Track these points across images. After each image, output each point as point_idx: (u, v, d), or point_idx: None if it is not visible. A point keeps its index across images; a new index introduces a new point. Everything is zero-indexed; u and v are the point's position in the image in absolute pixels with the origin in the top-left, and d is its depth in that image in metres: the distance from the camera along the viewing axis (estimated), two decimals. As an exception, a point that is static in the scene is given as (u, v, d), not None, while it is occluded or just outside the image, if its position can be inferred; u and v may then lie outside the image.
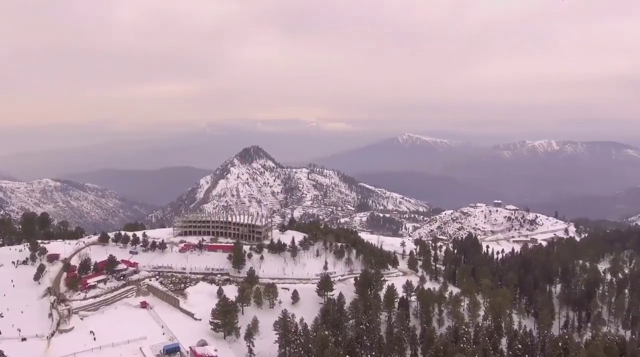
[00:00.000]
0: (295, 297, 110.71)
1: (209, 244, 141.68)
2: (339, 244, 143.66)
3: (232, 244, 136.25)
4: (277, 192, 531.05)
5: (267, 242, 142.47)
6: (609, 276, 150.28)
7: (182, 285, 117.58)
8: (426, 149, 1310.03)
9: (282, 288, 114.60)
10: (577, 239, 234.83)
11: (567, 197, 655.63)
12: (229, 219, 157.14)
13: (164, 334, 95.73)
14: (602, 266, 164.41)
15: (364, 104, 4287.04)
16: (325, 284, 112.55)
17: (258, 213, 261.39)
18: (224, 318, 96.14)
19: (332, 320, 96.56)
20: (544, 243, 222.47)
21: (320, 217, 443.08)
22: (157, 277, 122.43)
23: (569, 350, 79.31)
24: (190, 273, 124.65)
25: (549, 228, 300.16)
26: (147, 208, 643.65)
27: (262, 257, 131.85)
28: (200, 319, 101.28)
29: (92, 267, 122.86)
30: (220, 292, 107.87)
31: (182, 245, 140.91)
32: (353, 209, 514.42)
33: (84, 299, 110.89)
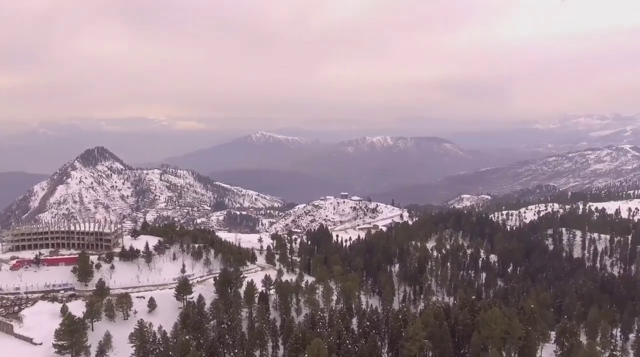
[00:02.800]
0: (152, 305, 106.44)
1: (48, 257, 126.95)
2: (197, 245, 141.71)
3: (77, 256, 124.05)
4: (127, 196, 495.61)
5: (117, 249, 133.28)
6: (435, 253, 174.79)
7: (17, 307, 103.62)
8: (278, 146, 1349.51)
9: (137, 297, 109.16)
10: (410, 222, 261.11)
11: (401, 186, 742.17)
12: (72, 228, 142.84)
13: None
14: (430, 244, 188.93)
15: (216, 102, 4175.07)
16: (183, 287, 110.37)
17: (106, 219, 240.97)
18: (71, 338, 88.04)
19: (192, 323, 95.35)
20: (384, 228, 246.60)
21: (176, 219, 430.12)
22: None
23: (407, 320, 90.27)
24: (26, 293, 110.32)
25: (387, 215, 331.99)
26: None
27: (112, 267, 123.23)
28: (41, 344, 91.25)
29: None
30: (64, 310, 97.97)
31: (14, 262, 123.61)
32: (209, 208, 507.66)
33: None
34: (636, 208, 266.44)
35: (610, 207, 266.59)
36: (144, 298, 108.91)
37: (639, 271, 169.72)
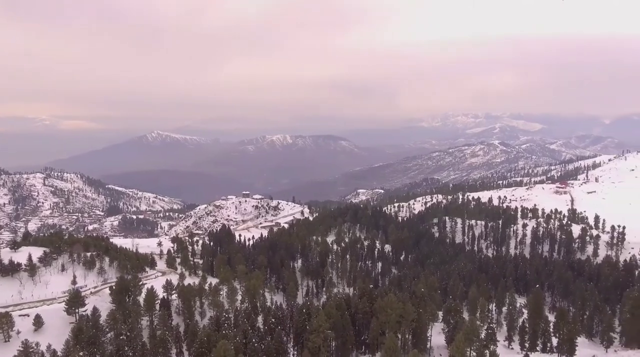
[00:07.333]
0: (38, 322, 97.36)
1: None
2: (89, 254, 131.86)
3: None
4: (4, 204, 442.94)
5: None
6: (335, 246, 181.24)
7: None
8: (177, 146, 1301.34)
9: (20, 315, 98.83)
10: (311, 218, 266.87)
11: (301, 184, 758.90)
12: None
13: None
14: (330, 238, 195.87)
15: (106, 100, 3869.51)
16: (74, 300, 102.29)
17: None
18: (-61, 368, 78.17)
19: (87, 338, 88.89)
20: (286, 225, 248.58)
21: (64, 226, 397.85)
22: None
23: (311, 314, 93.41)
24: None
25: (289, 212, 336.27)
26: None
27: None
28: None
29: None
30: None
31: None
32: (102, 213, 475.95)
33: None
34: (504, 196, 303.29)
35: (484, 196, 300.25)
36: (29, 316, 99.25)
37: (509, 251, 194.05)
